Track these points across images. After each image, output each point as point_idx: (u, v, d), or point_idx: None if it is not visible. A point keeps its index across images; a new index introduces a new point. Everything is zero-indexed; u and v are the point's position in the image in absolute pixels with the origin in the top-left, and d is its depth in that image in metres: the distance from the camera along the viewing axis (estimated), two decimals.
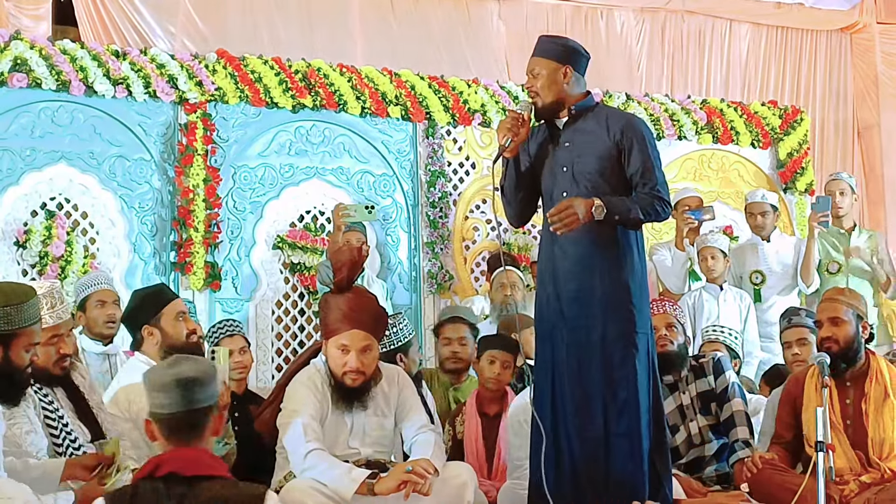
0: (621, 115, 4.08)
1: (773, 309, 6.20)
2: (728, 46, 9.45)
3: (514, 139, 3.88)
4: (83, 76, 5.82)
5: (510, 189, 4.05)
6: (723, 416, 4.57)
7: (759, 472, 4.14)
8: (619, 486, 3.75)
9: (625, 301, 3.83)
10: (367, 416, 3.84)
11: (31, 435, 3.19)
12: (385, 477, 3.54)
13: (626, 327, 3.82)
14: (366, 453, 3.79)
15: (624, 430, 3.78)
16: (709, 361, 4.68)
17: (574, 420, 3.82)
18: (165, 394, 2.72)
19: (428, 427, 3.90)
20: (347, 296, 3.85)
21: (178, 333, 3.86)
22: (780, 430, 4.38)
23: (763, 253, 6.39)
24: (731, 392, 4.58)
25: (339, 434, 3.77)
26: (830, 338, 4.23)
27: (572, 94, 3.94)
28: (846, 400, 4.20)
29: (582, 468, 3.79)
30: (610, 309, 3.81)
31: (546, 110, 3.94)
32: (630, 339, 3.82)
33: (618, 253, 3.85)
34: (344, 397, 3.78)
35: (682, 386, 4.66)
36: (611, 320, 3.81)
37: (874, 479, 4.02)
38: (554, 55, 3.92)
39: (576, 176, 3.86)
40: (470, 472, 3.78)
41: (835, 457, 3.91)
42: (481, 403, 4.65)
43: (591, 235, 3.82)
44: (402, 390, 3.95)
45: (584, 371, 3.82)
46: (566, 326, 3.85)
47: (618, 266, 3.85)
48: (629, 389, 3.79)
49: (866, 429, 4.13)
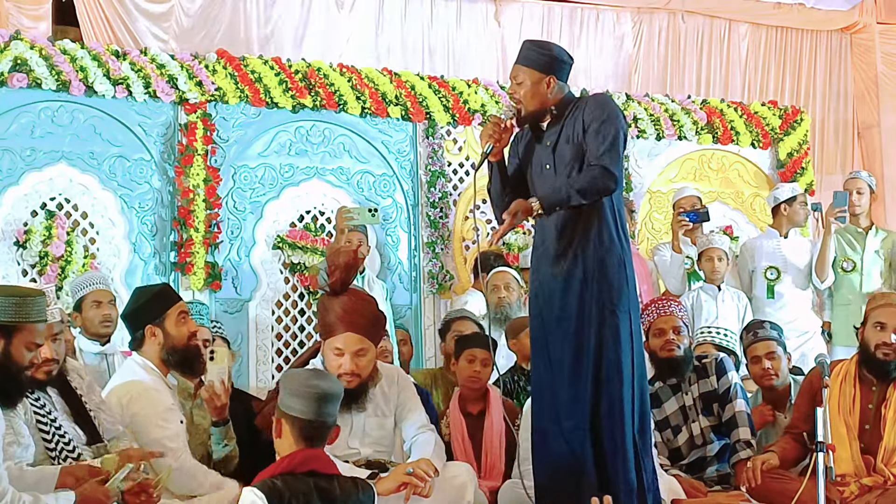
0: (591, 99, 4.05)
1: (786, 308, 6.20)
2: (728, 46, 9.45)
3: (497, 145, 3.91)
4: (83, 76, 5.81)
5: (496, 192, 4.08)
6: (724, 417, 4.58)
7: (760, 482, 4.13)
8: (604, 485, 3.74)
9: (611, 300, 3.78)
10: (368, 417, 3.84)
11: (12, 446, 3.12)
12: (385, 478, 3.54)
13: (606, 305, 3.77)
14: (366, 453, 3.79)
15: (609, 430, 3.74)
16: (711, 362, 4.68)
17: (560, 411, 3.80)
18: (303, 400, 3.06)
19: (427, 427, 3.90)
20: (342, 298, 3.86)
21: (181, 335, 3.84)
22: (797, 420, 4.36)
23: (781, 250, 6.37)
24: (734, 393, 4.58)
25: (340, 436, 3.77)
26: (889, 344, 4.13)
27: (553, 99, 3.94)
28: (868, 404, 4.17)
29: (564, 461, 3.78)
30: (597, 307, 3.77)
31: (529, 117, 3.96)
32: (610, 318, 3.76)
33: (595, 232, 3.80)
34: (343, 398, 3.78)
35: (684, 387, 4.66)
36: (589, 299, 3.76)
37: (875, 483, 4.01)
38: (538, 65, 3.91)
39: (557, 170, 3.88)
40: (470, 472, 3.79)
41: (842, 462, 3.92)
42: (464, 403, 4.64)
43: (569, 221, 3.81)
44: (402, 391, 3.95)
45: (572, 369, 3.79)
46: (556, 325, 3.84)
47: (595, 244, 3.80)
48: (617, 387, 3.75)
49: (882, 434, 4.10)
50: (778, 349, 4.80)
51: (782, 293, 6.28)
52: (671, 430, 4.64)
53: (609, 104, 3.91)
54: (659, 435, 4.58)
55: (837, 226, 6.19)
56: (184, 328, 3.86)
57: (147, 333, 3.84)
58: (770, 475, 4.13)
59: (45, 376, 3.38)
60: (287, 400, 3.10)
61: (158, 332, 3.83)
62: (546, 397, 3.86)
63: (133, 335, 3.92)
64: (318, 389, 3.09)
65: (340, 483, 3.06)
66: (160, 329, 3.83)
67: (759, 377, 4.82)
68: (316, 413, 3.07)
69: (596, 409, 3.76)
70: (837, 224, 6.17)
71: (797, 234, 6.56)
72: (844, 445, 4.06)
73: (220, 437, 3.96)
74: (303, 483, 2.97)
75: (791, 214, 6.45)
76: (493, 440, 4.53)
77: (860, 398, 4.18)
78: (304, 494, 2.94)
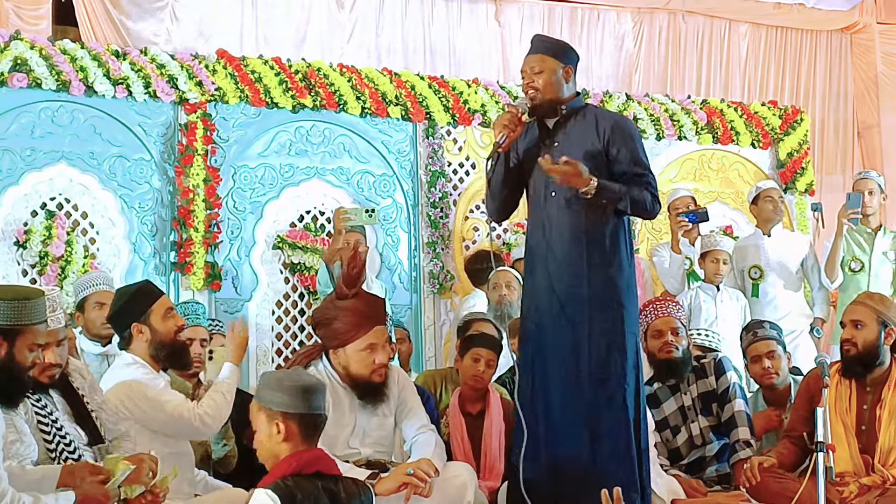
0: (610, 116, 4.11)
1: (772, 307, 6.19)
2: (728, 46, 9.46)
3: (510, 135, 3.90)
4: (83, 76, 5.81)
5: (496, 184, 4.08)
6: (724, 417, 4.57)
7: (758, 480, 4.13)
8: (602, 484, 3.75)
9: (613, 300, 3.84)
10: (369, 416, 3.84)
11: (15, 444, 3.12)
12: (386, 477, 3.55)
13: (613, 326, 3.82)
14: (366, 453, 3.80)
15: (607, 429, 3.78)
16: (710, 362, 4.68)
17: (558, 418, 3.82)
18: (293, 396, 3.03)
19: (428, 427, 3.90)
20: (355, 300, 3.86)
21: (167, 330, 3.80)
22: (796, 423, 4.36)
23: (764, 248, 6.37)
24: (732, 393, 4.58)
25: (340, 434, 3.77)
26: (850, 340, 4.19)
27: (567, 95, 3.96)
28: (863, 405, 4.17)
29: (563, 466, 3.79)
30: (597, 308, 3.82)
31: (543, 108, 3.95)
32: (617, 339, 3.82)
33: (607, 252, 3.85)
34: (370, 394, 3.81)
35: (683, 387, 4.66)
36: (598, 319, 3.82)
37: (874, 483, 4.01)
38: (555, 54, 3.94)
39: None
40: (470, 472, 3.79)
41: (841, 461, 3.92)
42: (464, 402, 4.65)
43: (581, 234, 3.83)
44: (402, 390, 3.95)
45: (569, 370, 3.82)
46: (553, 325, 3.85)
47: (606, 264, 3.84)
48: (615, 388, 3.79)
49: (877, 435, 4.10)
50: (778, 348, 4.80)
51: (767, 292, 6.28)
52: (670, 431, 4.64)
53: (633, 127, 4.07)
54: (658, 435, 4.58)
55: (849, 227, 6.18)
56: (170, 323, 3.82)
57: (133, 332, 3.80)
58: (770, 475, 4.12)
59: (48, 380, 3.37)
60: (279, 398, 3.06)
61: (145, 329, 3.79)
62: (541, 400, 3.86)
63: (120, 335, 3.89)
64: (305, 382, 3.09)
65: (345, 484, 3.07)
66: (146, 326, 3.79)
67: (759, 376, 4.82)
68: (310, 406, 3.06)
69: (595, 411, 3.78)
70: (849, 225, 6.16)
71: (783, 232, 6.53)
72: (843, 445, 4.06)
73: (219, 436, 3.96)
74: (312, 484, 2.97)
75: (759, 212, 6.45)
76: (492, 440, 4.53)
77: (856, 399, 4.19)
78: (314, 497, 2.94)
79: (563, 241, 3.87)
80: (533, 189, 4.01)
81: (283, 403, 3.05)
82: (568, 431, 3.80)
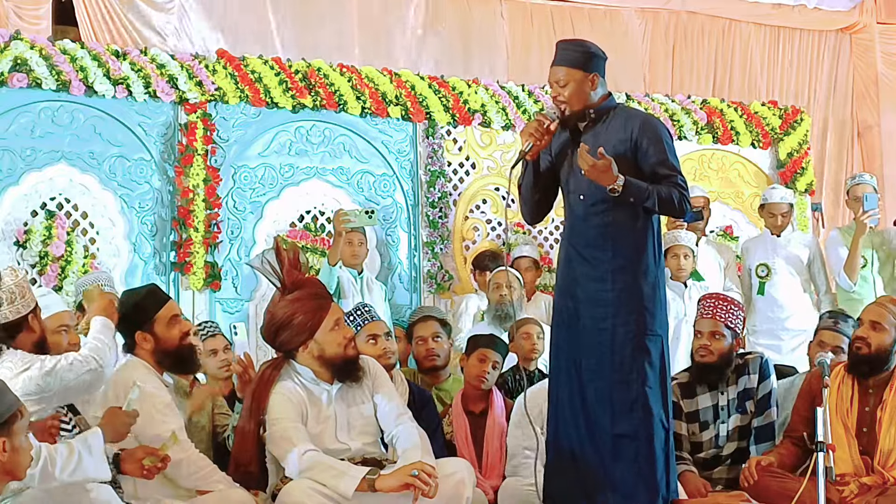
0: (638, 115, 4.10)
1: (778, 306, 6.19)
2: (728, 46, 9.45)
3: (536, 144, 3.90)
4: (83, 76, 5.81)
5: (527, 189, 4.10)
6: (757, 423, 4.54)
7: (756, 479, 4.13)
8: (624, 487, 3.76)
9: (637, 303, 3.85)
10: (349, 408, 3.83)
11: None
12: (387, 474, 3.53)
13: (637, 329, 3.83)
14: (355, 447, 3.77)
15: (630, 432, 3.79)
16: (756, 360, 4.62)
17: (582, 420, 3.84)
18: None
19: (405, 414, 3.88)
20: (306, 284, 3.86)
21: (171, 338, 3.78)
22: (796, 423, 4.36)
23: (771, 247, 6.37)
24: (773, 400, 4.57)
25: (325, 430, 3.75)
26: (864, 339, 4.18)
27: (596, 100, 3.97)
28: (865, 407, 4.18)
29: (585, 469, 3.80)
30: (622, 311, 3.84)
31: (573, 118, 3.96)
32: (641, 342, 3.83)
33: (632, 255, 3.86)
34: (348, 373, 3.80)
35: (721, 387, 4.60)
36: (621, 323, 3.83)
37: (875, 482, 4.01)
38: (580, 64, 3.93)
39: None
40: (468, 469, 3.78)
41: (841, 462, 3.92)
42: (466, 402, 4.66)
43: (607, 237, 3.85)
44: (374, 378, 3.93)
45: (594, 372, 3.85)
46: (579, 328, 3.88)
47: (631, 268, 3.86)
48: (638, 391, 3.80)
49: (878, 437, 4.10)
50: (844, 346, 4.61)
51: (774, 290, 6.29)
52: (699, 425, 4.59)
53: (663, 126, 4.01)
54: (686, 426, 4.54)
55: (870, 227, 6.19)
56: (175, 330, 3.79)
57: (138, 339, 3.78)
58: (770, 475, 4.13)
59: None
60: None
61: (149, 338, 3.77)
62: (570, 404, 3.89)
63: (125, 340, 3.86)
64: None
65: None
66: (150, 334, 3.77)
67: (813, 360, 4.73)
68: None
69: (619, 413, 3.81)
70: (871, 225, 6.18)
71: (792, 233, 6.54)
72: (843, 446, 4.06)
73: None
74: None
75: (764, 221, 6.55)
76: (493, 440, 4.55)
77: (857, 400, 4.19)
78: None
79: (589, 243, 3.88)
80: (564, 191, 4.05)
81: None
82: (589, 434, 3.83)
